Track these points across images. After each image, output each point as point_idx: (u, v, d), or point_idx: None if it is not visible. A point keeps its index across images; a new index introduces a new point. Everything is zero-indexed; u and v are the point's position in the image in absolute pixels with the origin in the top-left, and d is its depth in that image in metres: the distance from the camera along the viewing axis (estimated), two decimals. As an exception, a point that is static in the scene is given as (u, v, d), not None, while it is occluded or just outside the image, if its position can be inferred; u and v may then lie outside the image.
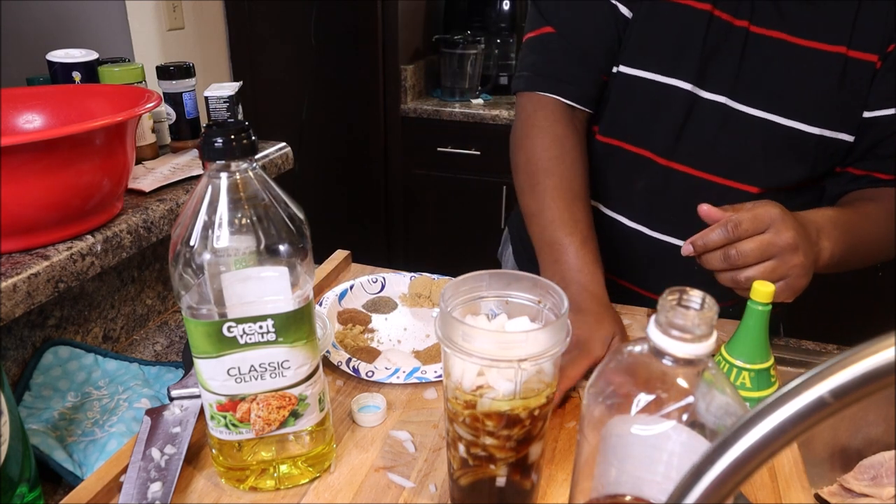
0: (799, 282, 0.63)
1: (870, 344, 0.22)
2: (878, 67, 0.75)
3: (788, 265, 0.62)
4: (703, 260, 0.65)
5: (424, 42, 2.34)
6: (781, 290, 0.63)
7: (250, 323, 0.48)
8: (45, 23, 1.53)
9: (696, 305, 0.37)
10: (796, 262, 0.62)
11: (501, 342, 0.44)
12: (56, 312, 0.76)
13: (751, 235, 0.62)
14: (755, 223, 0.61)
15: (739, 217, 0.62)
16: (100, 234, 0.75)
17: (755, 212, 0.62)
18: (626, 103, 0.83)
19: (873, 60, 0.74)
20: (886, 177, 0.79)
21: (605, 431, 0.40)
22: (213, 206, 0.47)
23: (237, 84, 1.04)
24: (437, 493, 0.55)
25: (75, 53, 0.96)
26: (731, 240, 0.62)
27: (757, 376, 0.60)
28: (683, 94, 0.79)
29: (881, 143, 0.77)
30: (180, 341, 0.86)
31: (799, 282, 0.63)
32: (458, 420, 0.48)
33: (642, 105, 0.82)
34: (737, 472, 0.24)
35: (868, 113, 0.76)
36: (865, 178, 0.80)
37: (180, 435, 0.58)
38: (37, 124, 0.84)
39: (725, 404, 0.37)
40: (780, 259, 0.62)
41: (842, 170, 0.82)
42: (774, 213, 0.62)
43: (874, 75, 0.75)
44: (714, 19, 0.77)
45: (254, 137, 0.48)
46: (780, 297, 0.64)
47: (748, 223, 0.61)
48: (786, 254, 0.62)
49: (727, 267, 0.63)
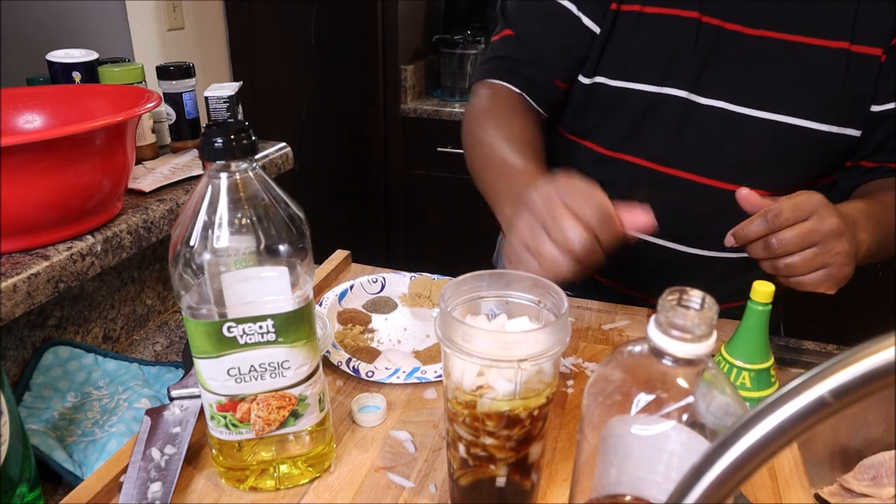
0: (842, 270, 0.61)
1: (870, 344, 0.22)
2: (884, 61, 0.74)
3: (832, 252, 0.60)
4: (748, 250, 0.64)
5: (424, 42, 2.34)
6: (823, 279, 0.61)
7: (250, 323, 0.48)
8: (45, 23, 1.53)
9: (696, 305, 0.37)
10: (840, 249, 0.60)
11: (501, 342, 0.44)
12: (56, 312, 0.76)
13: (791, 224, 0.60)
14: (796, 211, 0.60)
15: (780, 206, 0.60)
16: (100, 235, 0.75)
17: (796, 200, 0.61)
18: (619, 115, 0.83)
19: (877, 54, 0.74)
20: None
21: (605, 431, 0.40)
22: (213, 207, 0.47)
23: (237, 84, 1.04)
24: (437, 493, 0.55)
25: (75, 53, 0.96)
26: (772, 229, 0.61)
27: (757, 376, 0.60)
28: (678, 101, 0.79)
29: (893, 136, 0.77)
30: (180, 341, 0.86)
31: (842, 270, 0.61)
32: (458, 420, 0.48)
33: (635, 116, 0.82)
34: (737, 472, 0.24)
35: (877, 107, 0.76)
36: (880, 170, 0.80)
37: (180, 435, 0.58)
38: (37, 124, 0.84)
39: (725, 404, 0.37)
40: (822, 246, 0.60)
41: (853, 164, 0.82)
42: (817, 200, 0.61)
43: (880, 69, 0.75)
44: (703, 26, 0.77)
45: (254, 137, 0.47)
46: (822, 287, 0.62)
47: (789, 212, 0.60)
48: (829, 241, 0.60)
49: (768, 256, 0.62)
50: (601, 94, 0.83)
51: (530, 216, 0.57)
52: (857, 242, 0.65)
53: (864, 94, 0.76)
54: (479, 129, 0.80)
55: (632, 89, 0.81)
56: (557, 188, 0.56)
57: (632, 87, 0.81)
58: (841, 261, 0.61)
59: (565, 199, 0.55)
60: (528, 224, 0.57)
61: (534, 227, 0.56)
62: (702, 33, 0.77)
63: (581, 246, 0.53)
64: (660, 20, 0.78)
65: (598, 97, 0.83)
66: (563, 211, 0.55)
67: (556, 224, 0.54)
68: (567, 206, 0.55)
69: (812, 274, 0.61)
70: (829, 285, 0.62)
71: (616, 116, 0.83)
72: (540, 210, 0.56)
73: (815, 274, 0.61)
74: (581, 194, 0.56)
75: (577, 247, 0.53)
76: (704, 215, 0.81)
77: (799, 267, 0.61)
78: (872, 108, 0.76)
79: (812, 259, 0.60)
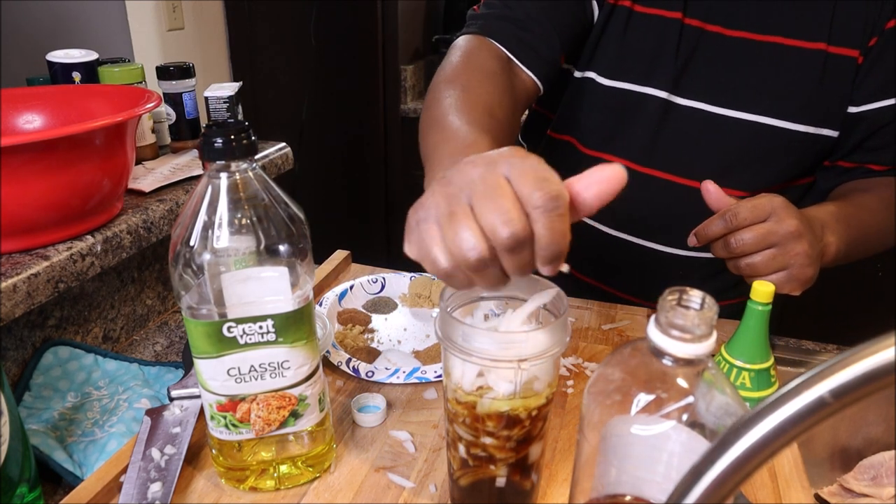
0: (804, 272, 0.62)
1: (870, 344, 0.22)
2: (861, 63, 0.75)
3: (791, 253, 0.61)
4: (711, 249, 0.65)
5: (424, 42, 2.34)
6: (786, 280, 0.62)
7: (250, 323, 0.48)
8: (45, 23, 1.53)
9: (696, 305, 0.37)
10: (799, 250, 0.61)
11: (501, 342, 0.44)
12: (56, 313, 0.76)
13: (750, 224, 0.61)
14: (754, 212, 0.61)
15: (739, 207, 0.62)
16: (100, 235, 0.75)
17: (755, 201, 0.62)
18: (602, 113, 0.84)
19: (854, 56, 0.75)
20: (880, 167, 0.80)
21: (605, 431, 0.40)
22: (212, 207, 0.47)
23: (237, 84, 1.04)
24: (437, 493, 0.55)
25: (75, 54, 0.96)
26: (731, 229, 0.62)
27: (757, 376, 0.60)
28: (657, 101, 0.80)
29: (872, 137, 0.78)
30: (180, 341, 0.86)
31: (804, 272, 0.62)
32: (457, 420, 0.48)
33: (617, 114, 0.82)
34: (737, 472, 0.24)
35: (855, 108, 0.77)
36: (858, 170, 0.81)
37: (180, 435, 0.58)
38: (37, 124, 0.84)
39: (725, 404, 0.37)
40: (781, 247, 0.61)
41: (831, 164, 0.82)
42: (776, 202, 0.62)
43: (857, 70, 0.75)
44: (685, 27, 0.77)
45: (254, 137, 0.47)
46: (786, 289, 0.62)
47: (747, 212, 0.61)
48: (788, 242, 0.61)
49: (729, 255, 0.63)
50: (589, 89, 0.83)
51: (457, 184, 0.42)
52: (824, 245, 0.66)
53: (841, 95, 0.76)
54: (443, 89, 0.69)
55: (617, 88, 0.81)
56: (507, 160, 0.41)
57: (618, 85, 0.81)
58: (801, 262, 0.61)
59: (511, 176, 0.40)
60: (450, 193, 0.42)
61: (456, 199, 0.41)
62: (684, 34, 0.78)
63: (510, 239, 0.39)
64: (647, 20, 0.79)
65: (586, 93, 0.84)
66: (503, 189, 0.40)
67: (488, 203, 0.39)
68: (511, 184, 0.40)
69: (773, 275, 0.62)
70: (792, 286, 0.62)
71: (599, 114, 0.84)
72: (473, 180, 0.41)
73: (777, 275, 0.62)
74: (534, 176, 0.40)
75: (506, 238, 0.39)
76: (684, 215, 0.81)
77: (759, 267, 0.61)
78: (850, 109, 0.77)
79: (772, 259, 0.61)
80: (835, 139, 0.79)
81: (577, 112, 0.86)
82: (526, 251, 0.40)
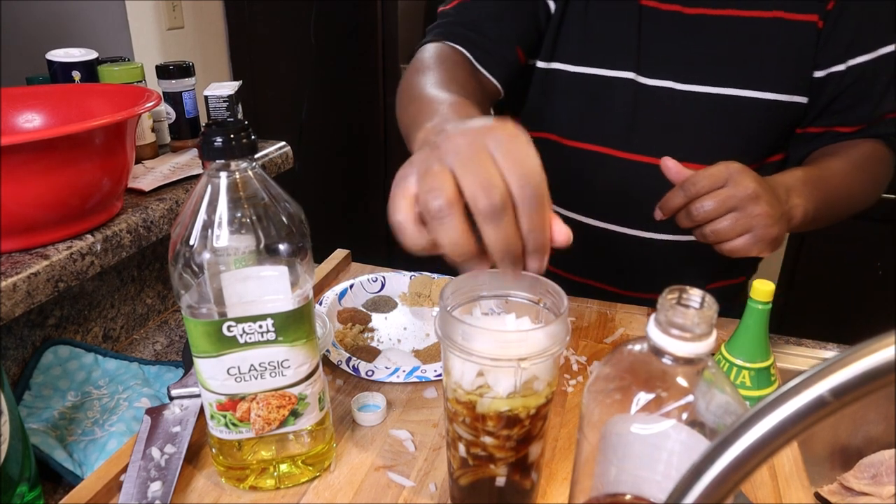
0: (768, 231, 0.63)
1: (870, 343, 0.22)
2: (821, 27, 0.76)
3: (752, 215, 0.62)
4: (677, 221, 0.67)
5: (424, 41, 2.34)
6: (752, 242, 0.63)
7: (250, 322, 0.48)
8: (45, 22, 1.53)
9: (696, 304, 0.37)
10: (759, 211, 0.62)
11: (501, 342, 0.44)
12: (56, 312, 0.76)
13: (708, 191, 0.63)
14: (711, 179, 0.63)
15: (696, 176, 0.64)
16: (99, 234, 0.75)
17: (711, 169, 0.64)
18: (575, 101, 0.84)
19: (813, 20, 0.76)
20: (847, 129, 0.81)
21: (605, 430, 0.40)
22: (212, 206, 0.47)
23: (237, 83, 1.04)
24: (436, 492, 0.55)
25: (75, 53, 0.96)
26: (691, 198, 0.64)
27: (757, 375, 0.60)
28: (626, 84, 0.81)
29: (837, 99, 0.79)
30: (180, 340, 0.86)
31: (768, 231, 0.63)
32: (457, 420, 0.48)
33: (589, 101, 0.83)
34: (737, 470, 0.24)
35: (819, 72, 0.78)
36: (827, 135, 0.82)
37: (180, 434, 0.58)
38: (36, 123, 0.84)
39: (725, 403, 0.37)
40: (741, 210, 0.63)
41: (802, 131, 0.84)
42: (732, 167, 0.63)
43: (818, 34, 0.77)
44: (643, 9, 0.79)
45: (253, 136, 0.47)
46: (754, 251, 0.64)
47: (705, 181, 0.63)
48: (747, 205, 0.62)
49: (692, 224, 0.65)
50: (557, 80, 0.84)
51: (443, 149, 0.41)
52: (790, 207, 0.67)
53: (804, 60, 0.78)
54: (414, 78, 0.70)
55: (586, 74, 0.82)
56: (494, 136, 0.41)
57: (586, 71, 0.82)
58: (763, 223, 0.63)
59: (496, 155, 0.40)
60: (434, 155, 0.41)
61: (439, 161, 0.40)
62: (643, 16, 0.79)
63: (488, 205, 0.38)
64: (605, 5, 0.80)
65: (555, 84, 0.85)
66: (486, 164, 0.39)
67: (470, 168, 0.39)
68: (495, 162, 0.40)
69: (739, 239, 0.63)
70: (759, 248, 0.64)
71: (572, 103, 0.84)
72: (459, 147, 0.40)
73: (742, 238, 0.63)
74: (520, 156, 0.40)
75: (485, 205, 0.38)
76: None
77: (724, 232, 0.63)
78: (815, 73, 0.78)
79: (734, 223, 0.63)
80: (805, 105, 0.80)
81: (548, 105, 0.87)
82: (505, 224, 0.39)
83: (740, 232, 0.63)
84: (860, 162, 0.80)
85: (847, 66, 0.77)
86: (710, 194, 0.63)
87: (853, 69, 0.77)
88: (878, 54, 0.77)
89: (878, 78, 0.78)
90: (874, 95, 0.79)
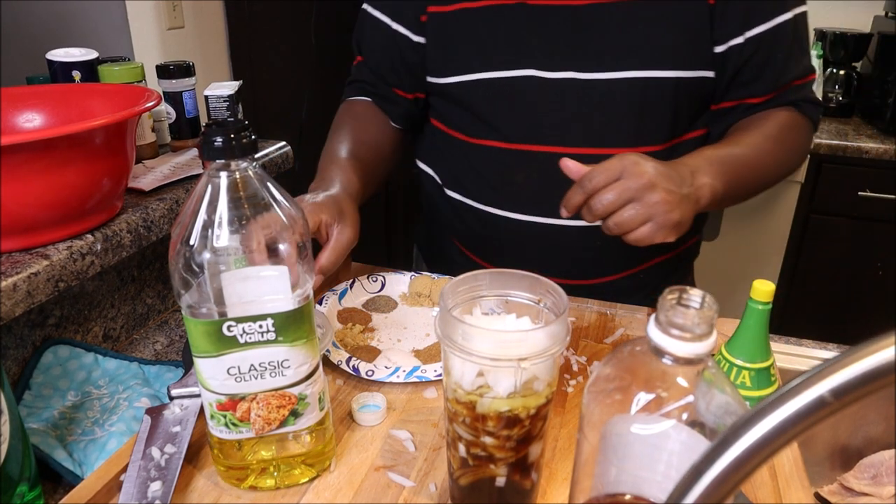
0: (668, 218, 0.64)
1: (870, 343, 0.22)
2: (713, 3, 0.77)
3: (649, 204, 0.64)
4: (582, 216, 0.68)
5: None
6: (655, 230, 0.65)
7: (250, 322, 0.48)
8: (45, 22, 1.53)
9: (696, 304, 0.37)
10: (656, 198, 0.64)
11: (501, 342, 0.44)
12: (56, 311, 0.76)
13: (605, 185, 0.64)
14: (606, 173, 0.65)
15: (592, 171, 0.65)
16: (100, 234, 0.75)
17: (606, 164, 0.65)
18: (480, 105, 0.85)
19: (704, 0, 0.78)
20: (757, 100, 0.82)
21: (605, 430, 0.40)
22: (212, 206, 0.47)
23: (237, 83, 1.04)
24: (436, 492, 0.55)
25: (75, 52, 0.96)
26: (589, 193, 0.65)
27: (757, 375, 0.60)
28: (528, 81, 0.82)
29: (741, 72, 0.80)
30: (180, 340, 0.86)
31: (668, 218, 0.64)
32: (457, 420, 0.48)
33: (494, 103, 0.84)
34: (737, 471, 0.24)
35: (719, 47, 0.79)
36: (739, 108, 0.84)
37: (180, 434, 0.58)
38: (37, 123, 0.84)
39: (725, 403, 0.37)
40: (639, 200, 0.64)
41: (716, 107, 0.85)
42: (627, 159, 0.65)
43: (711, 11, 0.78)
44: (532, 8, 0.80)
45: (254, 136, 0.47)
46: (658, 237, 0.65)
47: (599, 175, 0.65)
48: (644, 194, 0.64)
49: (595, 219, 0.66)
50: (459, 89, 0.85)
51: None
52: (696, 188, 0.69)
53: (702, 37, 0.79)
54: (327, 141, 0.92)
55: (486, 79, 0.83)
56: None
57: (485, 76, 0.83)
58: (662, 209, 0.64)
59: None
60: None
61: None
62: (533, 15, 0.80)
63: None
64: (488, 11, 0.82)
65: (456, 93, 0.86)
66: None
67: None
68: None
69: (642, 228, 0.65)
70: (663, 234, 0.65)
71: (478, 107, 0.86)
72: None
73: (645, 227, 0.65)
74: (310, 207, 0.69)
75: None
76: None
77: (626, 223, 0.65)
78: (715, 48, 0.79)
79: (636, 213, 0.64)
80: (714, 80, 0.81)
81: (455, 111, 0.89)
82: None
83: (641, 221, 0.64)
84: (774, 132, 0.81)
85: (745, 39, 0.78)
86: (607, 188, 0.64)
87: (751, 40, 0.78)
88: (774, 23, 0.79)
89: (778, 46, 0.80)
90: (776, 64, 0.81)
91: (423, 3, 0.85)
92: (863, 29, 2.14)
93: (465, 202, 0.90)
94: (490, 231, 0.89)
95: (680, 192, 0.66)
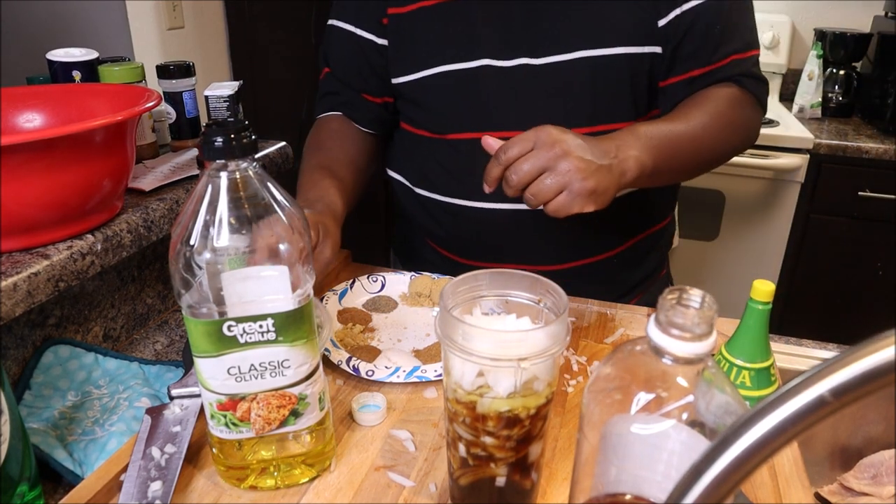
0: (584, 186, 0.64)
1: (870, 343, 0.22)
2: None
3: (562, 172, 0.64)
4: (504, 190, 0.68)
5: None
6: (571, 199, 0.64)
7: (250, 322, 0.48)
8: (46, 22, 1.53)
9: (696, 304, 0.37)
10: (569, 167, 0.64)
11: (501, 342, 0.44)
12: (56, 311, 0.76)
13: (519, 156, 0.65)
14: (520, 144, 0.65)
15: (507, 144, 0.66)
16: (100, 234, 0.75)
17: (521, 135, 0.66)
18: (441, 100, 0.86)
19: None
20: (697, 71, 0.83)
21: (605, 430, 0.40)
22: (212, 205, 0.47)
23: (237, 83, 1.04)
24: (436, 492, 0.55)
25: (75, 52, 0.96)
26: (505, 165, 0.65)
27: (757, 375, 0.60)
28: (485, 70, 0.83)
29: (682, 44, 0.81)
30: (180, 340, 0.86)
31: (584, 186, 0.64)
32: (457, 420, 0.48)
33: (454, 94, 0.85)
34: (737, 470, 0.24)
35: (662, 20, 0.80)
36: (682, 83, 0.84)
37: (180, 434, 0.58)
38: (37, 123, 0.84)
39: (725, 403, 0.37)
40: (553, 170, 0.64)
41: (664, 84, 0.85)
42: (542, 129, 0.65)
43: None
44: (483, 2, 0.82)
45: (254, 136, 0.48)
46: (576, 207, 0.65)
47: (514, 147, 0.65)
48: (557, 163, 0.64)
49: (514, 192, 0.66)
50: (419, 85, 0.86)
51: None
52: (621, 160, 0.69)
53: (648, 11, 0.80)
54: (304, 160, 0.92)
55: (444, 71, 0.84)
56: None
57: (443, 69, 0.84)
58: (576, 177, 0.64)
59: None
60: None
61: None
62: (486, 6, 0.82)
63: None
64: (444, 7, 0.83)
65: (418, 89, 0.87)
66: None
67: None
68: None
69: (558, 198, 0.65)
70: (580, 202, 0.65)
71: (438, 101, 0.87)
72: None
73: (561, 196, 0.65)
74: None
75: None
76: None
77: (542, 194, 0.65)
78: (659, 22, 0.80)
79: (549, 182, 0.64)
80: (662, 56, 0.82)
81: (418, 107, 0.89)
82: None
83: (557, 190, 0.64)
84: (712, 108, 0.81)
85: (683, 10, 0.79)
86: (521, 159, 0.65)
87: (689, 11, 0.79)
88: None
89: (717, 17, 0.80)
90: (715, 36, 0.81)
91: (383, 5, 0.86)
92: (863, 29, 2.14)
93: (434, 198, 0.91)
94: (461, 223, 0.90)
95: (597, 161, 0.66)
